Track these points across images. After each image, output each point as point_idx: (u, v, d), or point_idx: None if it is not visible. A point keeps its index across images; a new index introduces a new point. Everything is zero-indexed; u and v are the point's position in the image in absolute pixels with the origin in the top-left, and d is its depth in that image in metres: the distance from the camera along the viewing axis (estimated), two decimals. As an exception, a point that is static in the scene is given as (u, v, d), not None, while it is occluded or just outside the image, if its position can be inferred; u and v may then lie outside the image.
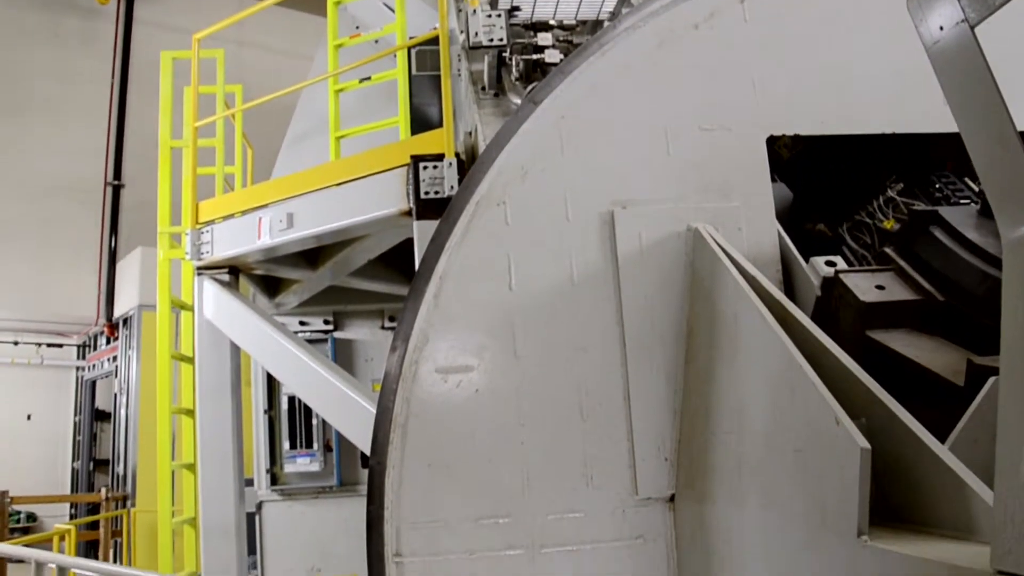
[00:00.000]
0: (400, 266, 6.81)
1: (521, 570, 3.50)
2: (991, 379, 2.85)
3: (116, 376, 15.33)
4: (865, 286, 3.50)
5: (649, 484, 3.52)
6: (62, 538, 9.63)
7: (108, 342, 16.09)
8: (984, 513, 2.17)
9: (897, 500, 2.53)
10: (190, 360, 6.66)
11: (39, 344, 17.26)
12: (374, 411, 3.59)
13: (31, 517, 16.52)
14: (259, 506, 7.26)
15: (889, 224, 4.01)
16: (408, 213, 4.88)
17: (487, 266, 3.60)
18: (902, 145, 4.00)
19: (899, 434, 2.52)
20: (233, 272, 6.25)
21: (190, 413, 6.69)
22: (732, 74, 3.83)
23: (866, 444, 2.36)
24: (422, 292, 3.58)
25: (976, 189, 4.05)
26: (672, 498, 3.56)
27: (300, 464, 7.23)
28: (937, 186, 4.16)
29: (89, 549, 14.17)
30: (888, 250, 3.72)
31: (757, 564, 2.97)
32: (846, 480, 2.41)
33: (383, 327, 7.79)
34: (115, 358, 15.53)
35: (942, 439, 2.57)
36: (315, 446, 7.26)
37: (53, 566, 5.54)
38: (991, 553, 1.80)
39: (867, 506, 2.36)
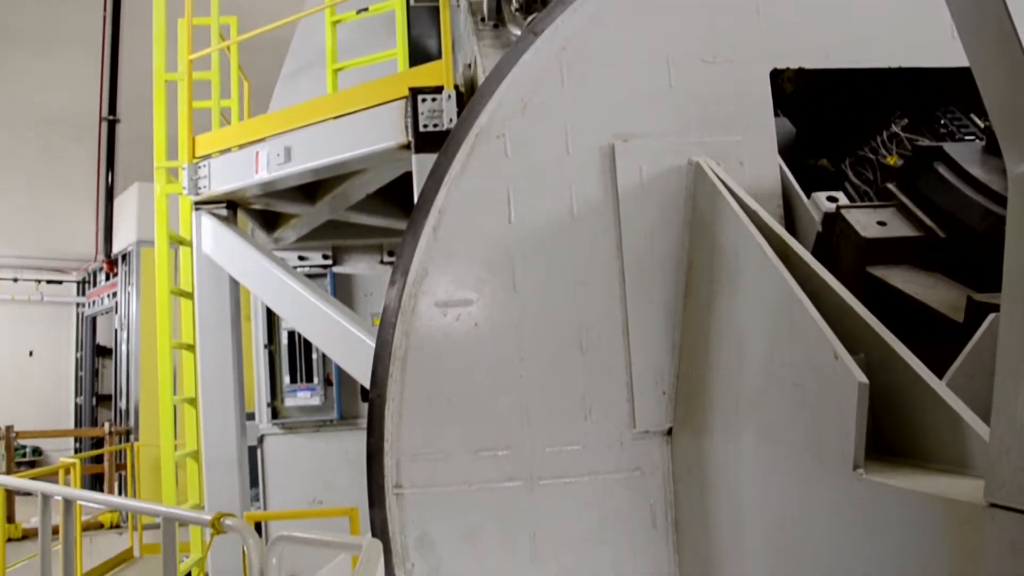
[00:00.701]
0: (399, 200, 6.77)
1: (520, 501, 3.54)
2: (991, 315, 2.84)
3: (116, 312, 15.38)
4: (866, 222, 3.48)
5: (647, 417, 3.55)
6: (67, 471, 9.76)
7: (107, 278, 16.10)
8: (979, 448, 2.18)
9: (894, 435, 2.55)
10: (189, 295, 6.66)
11: (38, 281, 17.32)
12: (373, 345, 3.60)
13: (36, 451, 16.77)
14: (260, 439, 7.32)
15: (892, 160, 3.97)
16: (407, 146, 4.83)
17: (486, 199, 3.57)
18: (908, 80, 3.94)
19: (897, 369, 2.53)
20: (231, 207, 6.22)
21: (190, 348, 6.72)
22: (736, 5, 3.76)
23: (864, 379, 2.37)
24: (421, 225, 3.56)
25: (981, 125, 4.01)
26: (670, 431, 3.59)
27: (301, 398, 7.28)
28: (942, 122, 4.11)
29: (94, 482, 14.40)
30: (891, 186, 3.69)
31: (753, 497, 3.01)
32: (843, 414, 2.42)
33: (382, 261, 7.77)
34: (115, 294, 15.56)
35: (940, 375, 2.57)
36: (315, 380, 7.30)
37: (59, 498, 5.60)
38: (985, 486, 1.82)
39: (863, 440, 2.37)
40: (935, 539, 1.99)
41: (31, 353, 17.50)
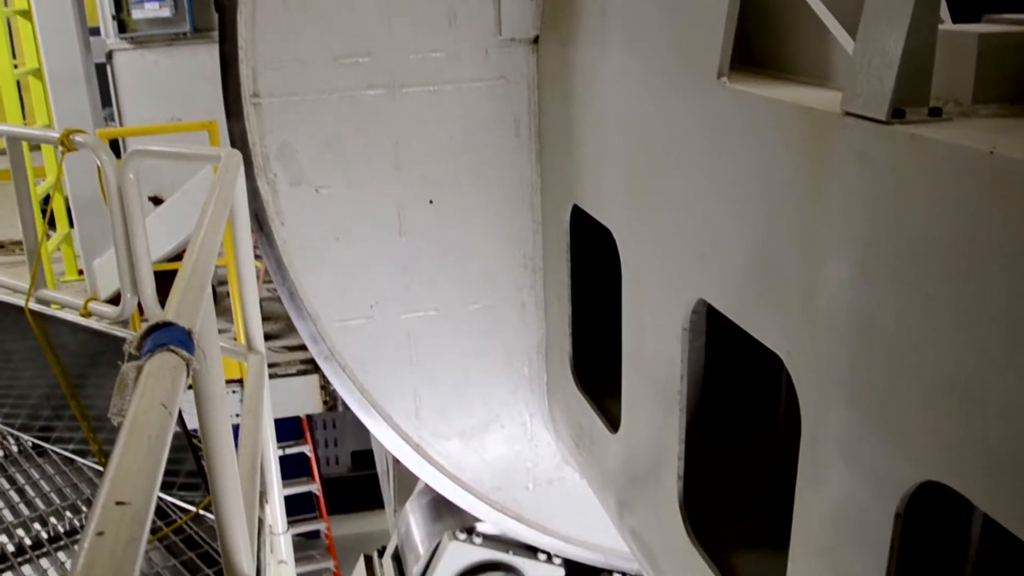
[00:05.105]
0: None
1: (382, 109, 3.51)
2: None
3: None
4: None
5: (513, 25, 3.47)
6: None
7: None
8: (843, 61, 2.22)
9: (760, 47, 2.56)
10: None
11: None
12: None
13: None
14: (109, 55, 6.88)
15: None
16: None
17: None
18: None
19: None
20: None
21: (15, -49, 6.05)
22: None
23: (735, -15, 2.32)
24: None
25: None
26: (536, 40, 3.53)
27: (149, 9, 6.76)
28: None
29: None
30: None
31: (617, 105, 3.04)
32: (712, 21, 2.40)
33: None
34: None
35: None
36: (164, -10, 6.76)
37: None
38: (843, 97, 1.87)
39: (730, 49, 2.38)
40: (791, 147, 2.06)
41: None
